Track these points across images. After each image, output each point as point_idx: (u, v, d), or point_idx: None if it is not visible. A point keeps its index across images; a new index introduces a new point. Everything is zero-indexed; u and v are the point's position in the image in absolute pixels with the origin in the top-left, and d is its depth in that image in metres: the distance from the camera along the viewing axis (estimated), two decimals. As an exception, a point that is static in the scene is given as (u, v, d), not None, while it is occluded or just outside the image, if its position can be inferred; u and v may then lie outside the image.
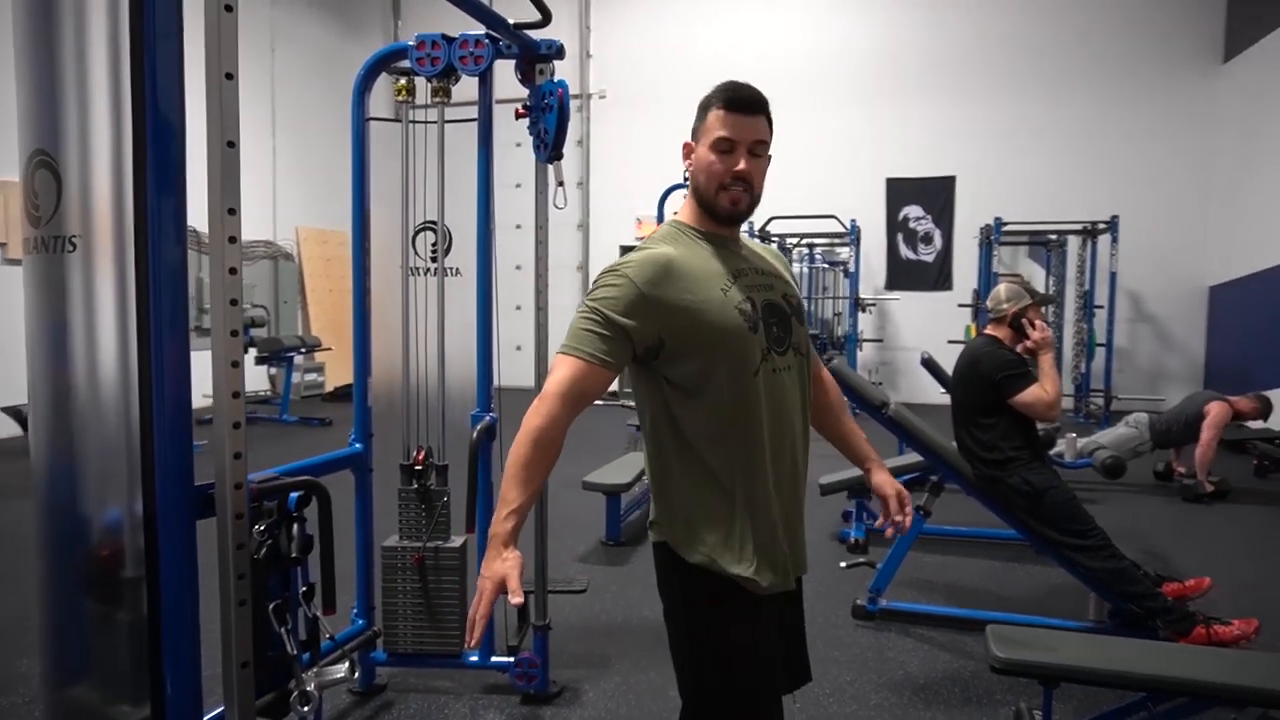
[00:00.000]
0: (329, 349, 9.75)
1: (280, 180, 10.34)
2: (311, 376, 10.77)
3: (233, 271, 1.48)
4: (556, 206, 2.71)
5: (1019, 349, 3.47)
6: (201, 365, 1.47)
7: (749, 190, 1.61)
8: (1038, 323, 3.44)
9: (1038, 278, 10.17)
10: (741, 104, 1.59)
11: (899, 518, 1.80)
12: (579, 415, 1.55)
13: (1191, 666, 2.32)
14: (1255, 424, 6.48)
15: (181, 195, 1.52)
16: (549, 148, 2.63)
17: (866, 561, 3.69)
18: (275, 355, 8.88)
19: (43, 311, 1.63)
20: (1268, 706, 2.30)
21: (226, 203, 1.47)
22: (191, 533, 1.60)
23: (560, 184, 2.70)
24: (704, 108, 1.64)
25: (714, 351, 1.56)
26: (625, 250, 12.29)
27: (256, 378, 9.74)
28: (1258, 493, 6.08)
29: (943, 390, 6.49)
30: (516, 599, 1.41)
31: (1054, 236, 9.86)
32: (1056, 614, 3.66)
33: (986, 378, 3.37)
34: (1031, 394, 3.26)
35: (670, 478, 1.64)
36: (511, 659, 2.86)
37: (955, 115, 10.64)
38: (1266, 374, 8.63)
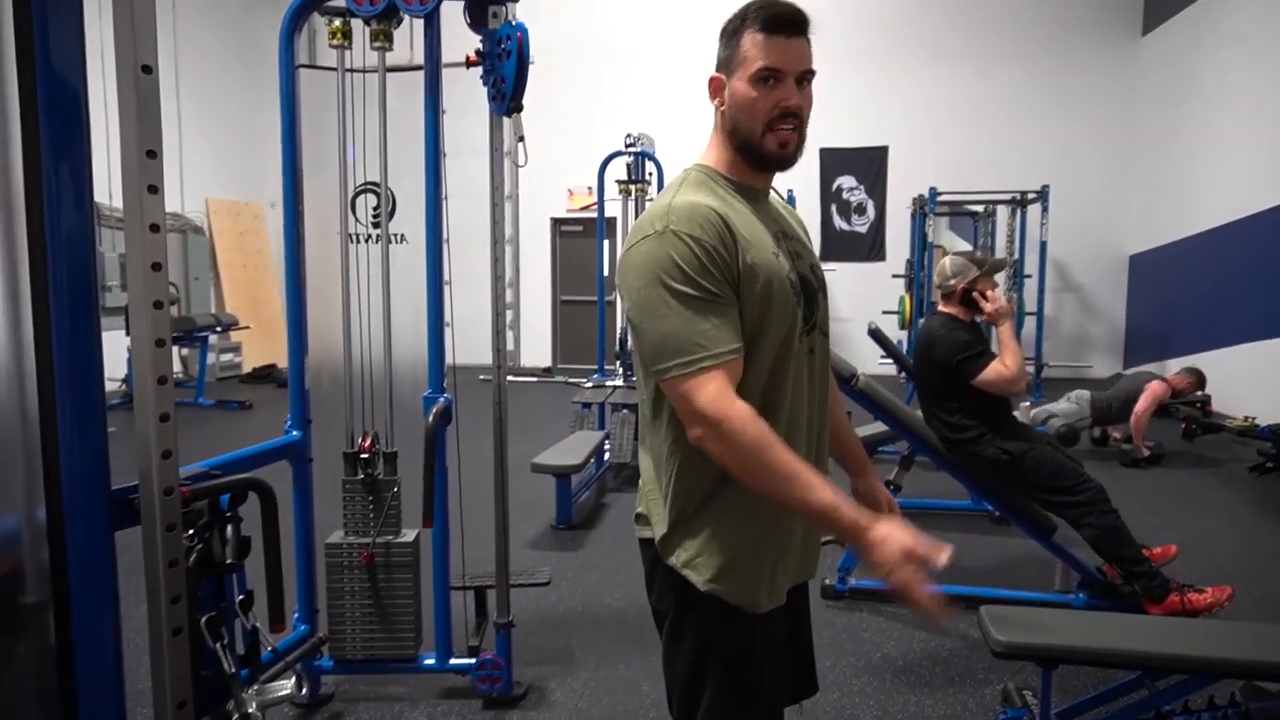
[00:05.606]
0: (246, 327, 9.19)
1: (187, 147, 9.61)
2: (228, 357, 10.11)
3: (154, 229, 1.20)
4: (518, 165, 2.45)
5: (979, 319, 3.36)
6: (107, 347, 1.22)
7: (799, 129, 1.34)
8: (989, 294, 3.29)
9: (962, 250, 10.27)
10: (785, 24, 1.31)
11: None
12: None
13: (1188, 642, 2.24)
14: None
15: (84, 132, 1.22)
16: (507, 99, 2.37)
17: (835, 540, 3.56)
18: (189, 335, 8.30)
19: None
20: (1267, 679, 2.25)
21: (144, 144, 1.19)
22: (108, 546, 1.32)
23: (520, 139, 2.44)
24: (733, 33, 1.35)
25: (765, 328, 1.31)
26: (557, 223, 11.83)
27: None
28: (1188, 455, 6.25)
29: (882, 358, 6.48)
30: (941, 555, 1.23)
31: (982, 208, 9.95)
32: (1020, 585, 3.62)
33: (943, 364, 3.23)
34: (992, 372, 3.13)
35: (682, 475, 1.38)
36: (472, 660, 2.64)
37: (887, 85, 10.62)
38: (1183, 341, 8.91)
